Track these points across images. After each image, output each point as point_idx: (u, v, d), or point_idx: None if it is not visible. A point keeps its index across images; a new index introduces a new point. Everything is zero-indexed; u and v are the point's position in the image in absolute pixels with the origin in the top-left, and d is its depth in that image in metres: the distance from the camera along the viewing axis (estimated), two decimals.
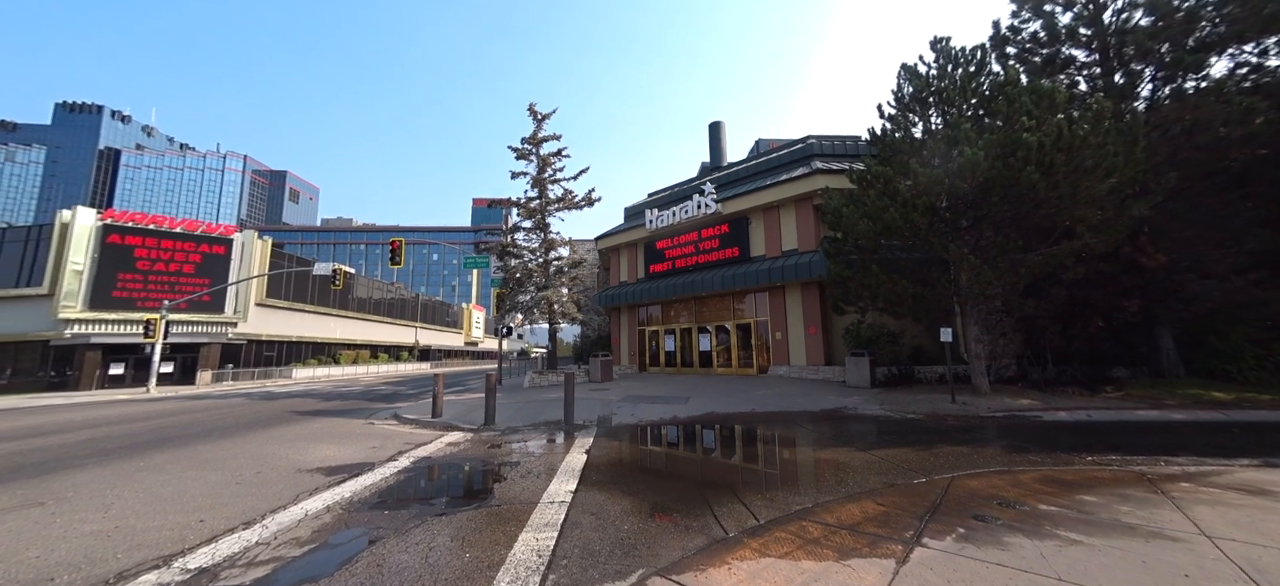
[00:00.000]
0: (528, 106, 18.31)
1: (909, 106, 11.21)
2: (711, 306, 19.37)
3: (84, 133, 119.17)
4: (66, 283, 25.55)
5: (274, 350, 33.10)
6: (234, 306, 29.85)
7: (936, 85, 10.46)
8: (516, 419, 9.79)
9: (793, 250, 16.57)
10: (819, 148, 18.22)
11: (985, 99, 9.56)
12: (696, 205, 19.18)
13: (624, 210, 25.61)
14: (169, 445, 7.35)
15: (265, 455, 6.51)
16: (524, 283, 17.29)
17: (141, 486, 4.95)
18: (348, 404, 13.84)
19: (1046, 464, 5.26)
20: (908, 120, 11.06)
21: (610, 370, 17.73)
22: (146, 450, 6.94)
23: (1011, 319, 12.17)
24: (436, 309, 60.03)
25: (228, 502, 4.37)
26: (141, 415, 12.05)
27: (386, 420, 10.06)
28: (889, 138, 11.55)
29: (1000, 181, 8.21)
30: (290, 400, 15.16)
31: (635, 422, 9.34)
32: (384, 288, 50.53)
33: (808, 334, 15.85)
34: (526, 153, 18.34)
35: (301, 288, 35.94)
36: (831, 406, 10.29)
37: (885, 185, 10.11)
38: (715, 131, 23.92)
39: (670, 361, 20.50)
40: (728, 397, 11.99)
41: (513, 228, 17.91)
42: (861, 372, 13.00)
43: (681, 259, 20.16)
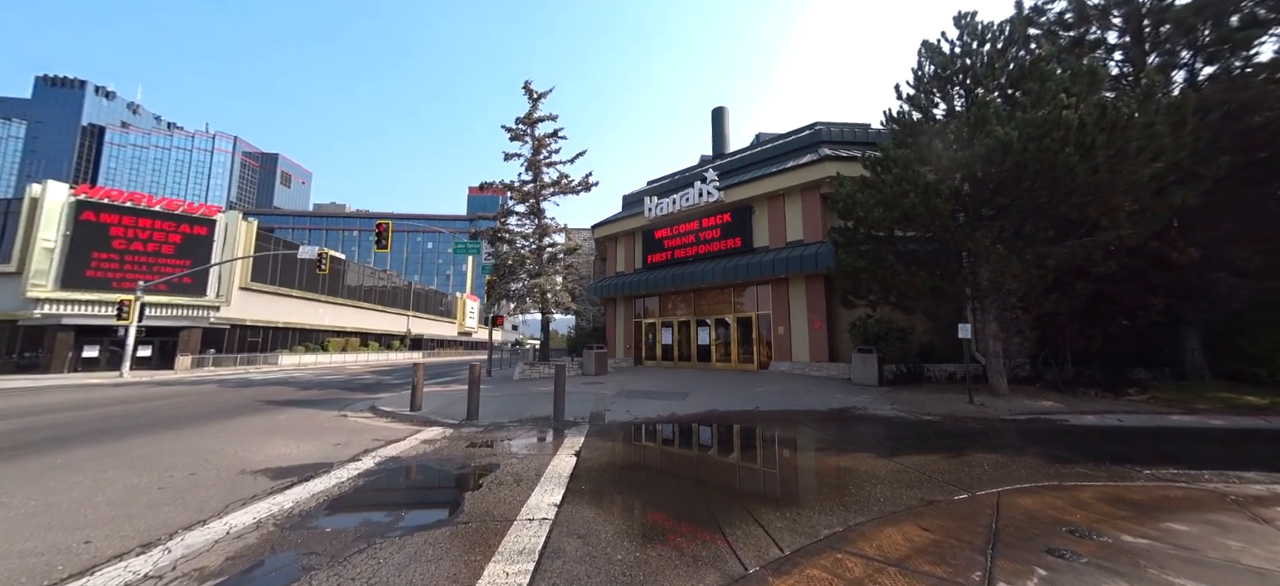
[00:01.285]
0: (523, 84, 17.42)
1: (930, 86, 10.48)
2: (711, 299, 18.68)
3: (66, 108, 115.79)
4: (36, 260, 24.37)
5: (259, 336, 32.11)
6: (217, 290, 28.78)
7: (961, 63, 9.72)
8: (502, 414, 9.06)
9: (798, 241, 15.87)
10: (827, 134, 17.46)
11: (1015, 78, 8.83)
12: (698, 193, 18.40)
13: (622, 198, 24.79)
14: (105, 438, 6.56)
15: (210, 452, 5.75)
16: (516, 270, 16.48)
17: (41, 491, 4.18)
18: (325, 393, 13.05)
19: (1100, 478, 4.61)
20: (929, 101, 10.33)
21: (605, 363, 17.02)
22: (73, 444, 6.16)
23: (1028, 316, 11.55)
24: (430, 298, 59.02)
25: (136, 515, 3.62)
26: (97, 400, 11.21)
27: (361, 412, 9.30)
28: (908, 119, 10.83)
29: (1033, 165, 7.52)
30: (266, 388, 14.34)
31: (630, 420, 8.65)
32: (376, 275, 49.42)
33: (811, 329, 15.20)
34: (521, 133, 17.45)
35: (289, 272, 34.86)
36: (839, 405, 9.66)
37: (904, 169, 9.39)
38: (718, 118, 23.08)
39: (667, 355, 19.83)
40: (728, 394, 11.33)
41: (505, 212, 17.05)
42: (869, 370, 12.38)
43: (681, 249, 19.41)
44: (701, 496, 4.33)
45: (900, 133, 11.05)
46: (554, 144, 17.33)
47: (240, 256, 28.23)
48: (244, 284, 30.54)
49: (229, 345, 29.62)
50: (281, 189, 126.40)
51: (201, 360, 27.28)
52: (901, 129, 11.09)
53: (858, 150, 15.94)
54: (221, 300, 28.63)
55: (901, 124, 11.09)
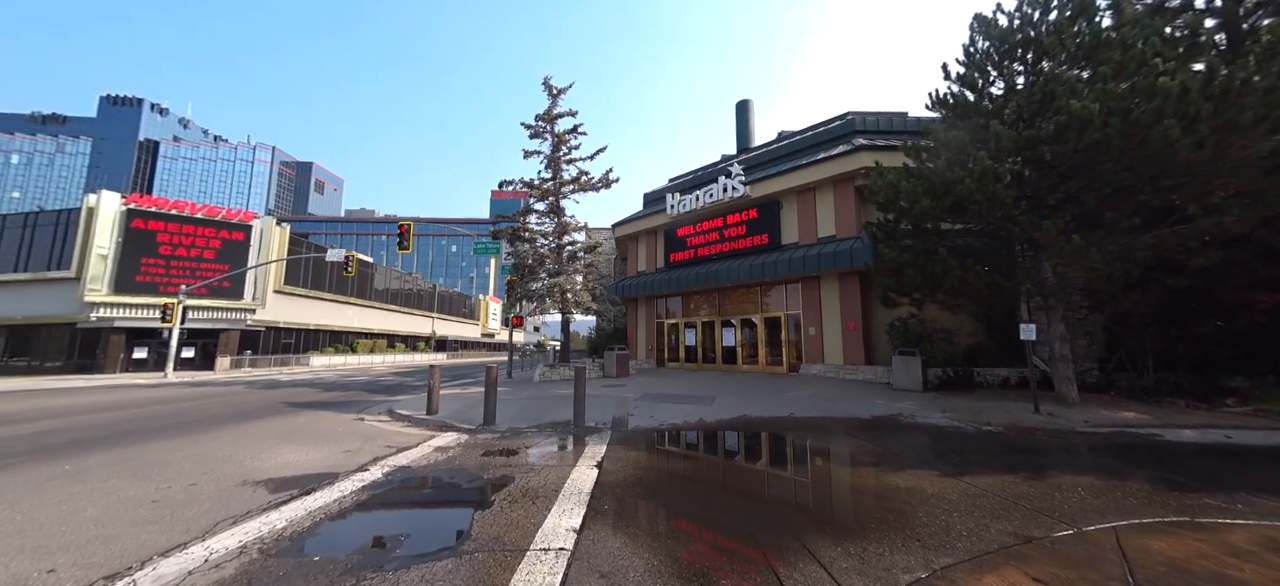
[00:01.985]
0: (543, 80, 17.12)
1: (983, 63, 9.51)
2: (736, 298, 17.91)
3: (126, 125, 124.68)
4: (92, 266, 25.79)
5: (292, 337, 33.18)
6: (253, 293, 29.87)
7: (1023, 36, 8.73)
8: (520, 418, 8.66)
9: (830, 237, 14.95)
10: (860, 123, 16.45)
11: (1089, 48, 7.81)
12: (722, 188, 17.68)
13: (643, 197, 24.27)
14: (123, 442, 6.47)
15: (218, 459, 5.52)
16: (536, 269, 16.18)
17: (32, 503, 3.96)
18: (348, 394, 13.03)
19: (1246, 515, 3.71)
20: (984, 79, 9.37)
21: (626, 365, 16.52)
22: (91, 448, 6.07)
23: (1097, 316, 10.37)
24: (453, 300, 60.08)
25: (117, 536, 3.30)
26: (134, 401, 11.46)
27: (379, 415, 9.08)
28: (960, 100, 9.88)
29: (1117, 142, 6.55)
30: (292, 389, 14.49)
31: (655, 426, 8.09)
32: (402, 278, 50.59)
33: (846, 329, 14.26)
34: (541, 130, 17.16)
35: (320, 276, 35.96)
36: (883, 412, 8.82)
37: (956, 152, 8.49)
38: (742, 111, 22.27)
39: (691, 357, 19.17)
40: (758, 398, 10.62)
41: (525, 210, 16.79)
42: (912, 374, 11.41)
43: (704, 247, 18.73)
44: (742, 521, 3.72)
45: (949, 114, 10.11)
46: (574, 140, 16.97)
47: (273, 260, 29.14)
48: (278, 287, 31.60)
49: (264, 346, 30.67)
50: (315, 196, 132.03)
51: (239, 361, 28.30)
52: (951, 110, 10.15)
53: (896, 139, 14.94)
54: (257, 303, 29.68)
55: (951, 105, 10.14)
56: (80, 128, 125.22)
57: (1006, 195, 7.45)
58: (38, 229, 28.07)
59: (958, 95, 10.18)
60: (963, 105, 9.65)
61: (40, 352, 26.07)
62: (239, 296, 29.01)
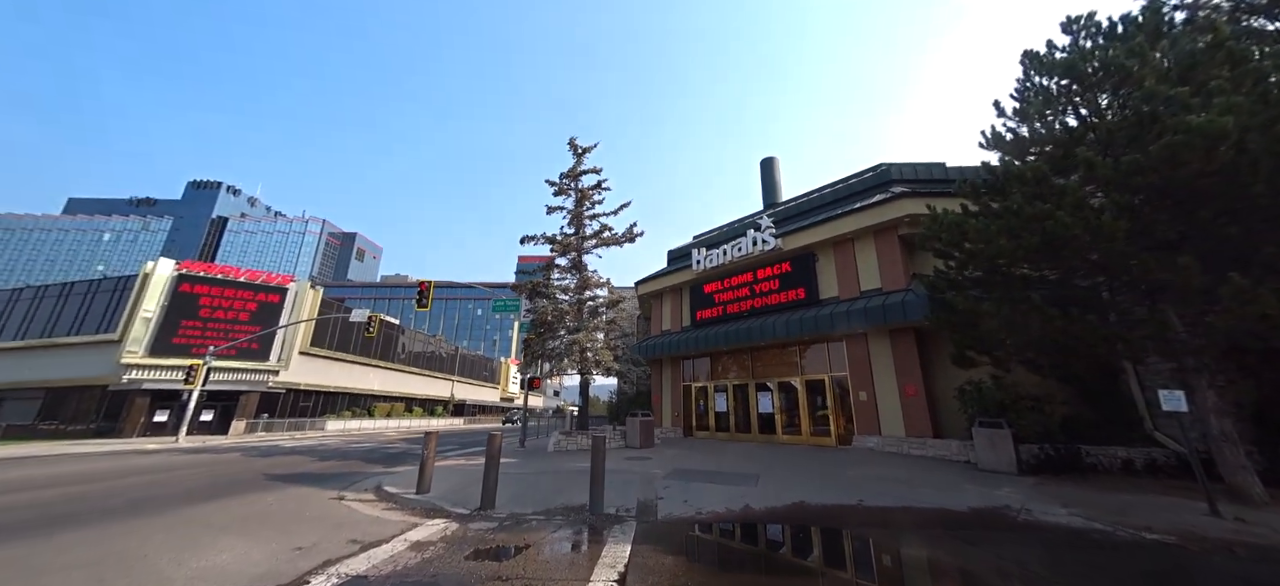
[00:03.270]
0: (568, 141, 17.30)
1: (1041, 100, 8.59)
2: (771, 358, 16.26)
3: (204, 205, 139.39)
4: (135, 329, 26.54)
5: (311, 400, 32.73)
6: (279, 354, 30.00)
7: (1096, 63, 7.82)
8: (525, 499, 7.18)
9: (874, 290, 13.52)
10: (895, 173, 15.58)
11: (1183, 68, 6.77)
12: (751, 241, 16.77)
13: (667, 253, 23.64)
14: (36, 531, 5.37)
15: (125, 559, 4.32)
16: (555, 326, 15.20)
17: None
18: (343, 465, 11.79)
19: None
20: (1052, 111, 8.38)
21: (651, 433, 14.80)
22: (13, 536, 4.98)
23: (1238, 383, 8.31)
24: (474, 363, 59.63)
25: None
26: (113, 472, 10.55)
27: (362, 493, 7.77)
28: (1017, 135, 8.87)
29: (1266, 160, 5.25)
30: (286, 458, 13.36)
31: (691, 516, 6.47)
32: (425, 340, 50.77)
33: (904, 395, 12.34)
34: (565, 187, 17.05)
35: (346, 337, 36.24)
36: (981, 504, 6.90)
37: (1036, 185, 7.29)
38: (768, 169, 21.97)
39: (722, 425, 17.20)
40: (811, 479, 8.78)
41: (547, 265, 16.19)
42: (1002, 452, 9.36)
43: (734, 304, 17.49)
44: None
45: (1012, 152, 9.06)
46: (598, 195, 16.71)
47: (298, 321, 29.46)
48: (304, 348, 31.76)
49: (283, 409, 30.20)
50: (355, 263, 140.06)
51: (254, 425, 27.73)
52: (1011, 147, 9.12)
53: (937, 186, 13.92)
54: (281, 364, 29.68)
55: (1010, 142, 9.13)
56: (166, 208, 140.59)
57: (1117, 228, 6.08)
58: (97, 295, 29.58)
59: (1015, 130, 9.20)
60: (1030, 138, 8.60)
61: (69, 415, 26.29)
62: (265, 358, 29.13)
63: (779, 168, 21.90)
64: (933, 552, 4.93)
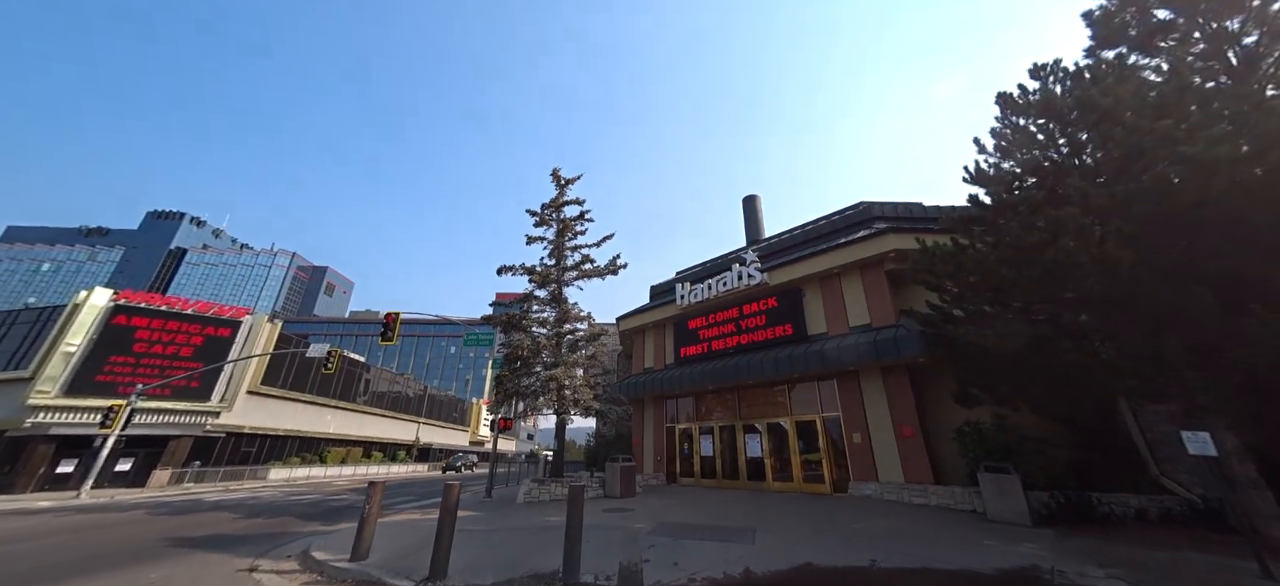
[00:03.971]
0: (551, 172, 16.90)
1: (1023, 136, 8.69)
2: (759, 398, 15.50)
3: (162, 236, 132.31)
4: (51, 366, 23.61)
5: (255, 445, 29.54)
6: (222, 393, 27.24)
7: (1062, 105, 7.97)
8: (485, 566, 5.98)
9: (864, 325, 13.16)
10: (877, 210, 15.73)
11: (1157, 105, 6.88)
12: (737, 276, 16.41)
13: (649, 289, 23.09)
14: None
15: None
16: (530, 361, 14.08)
17: None
18: (272, 523, 10.06)
19: None
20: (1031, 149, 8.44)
21: (633, 480, 13.54)
22: None
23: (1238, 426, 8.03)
24: (443, 404, 56.30)
25: None
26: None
27: (283, 562, 6.37)
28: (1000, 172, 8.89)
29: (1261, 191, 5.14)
30: (205, 516, 11.41)
31: (683, 583, 5.44)
32: (392, 379, 47.79)
33: (900, 436, 11.70)
34: (546, 218, 16.45)
35: (303, 376, 33.52)
36: (1007, 564, 6.14)
37: (1029, 214, 7.10)
38: (750, 206, 22.12)
39: (708, 471, 16.06)
40: (812, 533, 7.85)
41: (525, 297, 15.25)
42: (1012, 500, 8.69)
43: (719, 340, 16.85)
44: None
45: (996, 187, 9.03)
46: (580, 225, 16.15)
47: (247, 356, 27.03)
48: (253, 387, 29.01)
49: (221, 456, 27.04)
50: (324, 298, 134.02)
51: (182, 474, 24.54)
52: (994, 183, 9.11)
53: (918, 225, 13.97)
54: (224, 405, 26.86)
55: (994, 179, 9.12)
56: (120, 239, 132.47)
57: (1121, 256, 5.81)
58: (14, 327, 26.48)
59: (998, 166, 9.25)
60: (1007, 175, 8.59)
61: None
62: (205, 398, 26.34)
63: (761, 205, 22.09)
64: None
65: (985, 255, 7.40)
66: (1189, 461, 9.32)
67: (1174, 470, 9.41)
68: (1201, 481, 8.92)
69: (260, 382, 29.21)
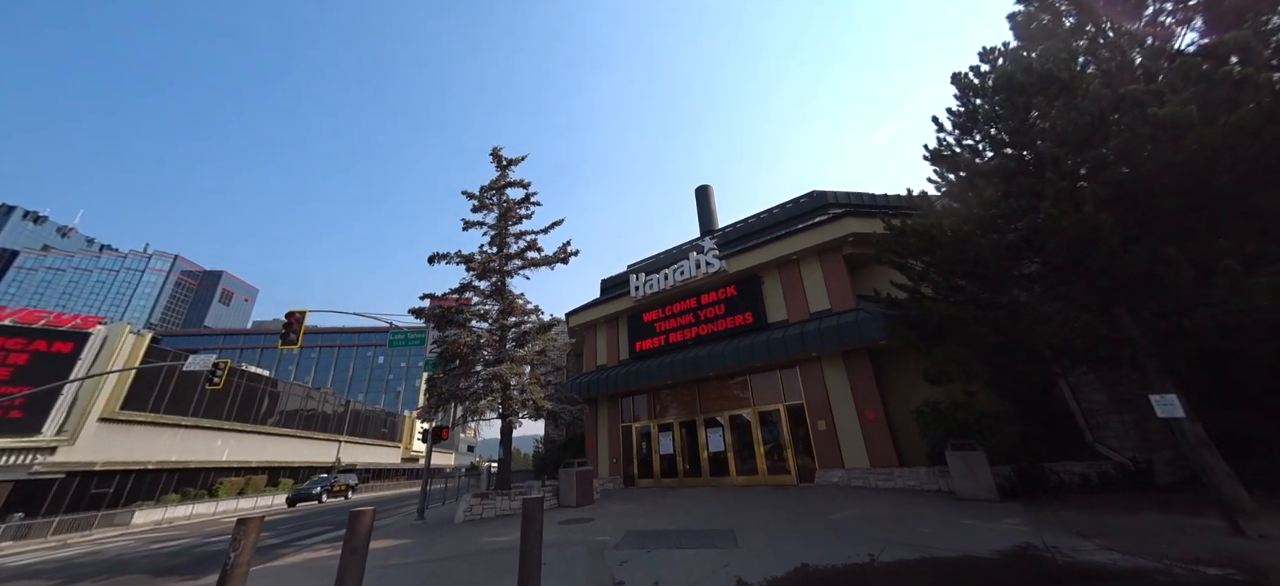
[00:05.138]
0: (491, 151, 15.12)
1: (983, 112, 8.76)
2: (719, 390, 14.92)
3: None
4: None
5: (112, 484, 23.92)
6: (60, 423, 21.72)
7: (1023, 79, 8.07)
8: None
9: (824, 311, 13.02)
10: (831, 198, 15.87)
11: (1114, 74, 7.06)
12: (694, 265, 15.76)
13: (600, 283, 21.86)
14: None
15: None
16: (469, 360, 12.25)
17: None
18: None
19: None
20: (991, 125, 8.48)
21: (590, 486, 12.26)
22: None
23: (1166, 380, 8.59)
24: (370, 419, 50.55)
25: None
26: None
27: None
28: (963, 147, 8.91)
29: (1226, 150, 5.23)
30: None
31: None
32: (304, 394, 41.92)
33: (864, 420, 11.59)
34: (487, 202, 14.63)
35: (183, 396, 27.96)
36: (1003, 546, 5.81)
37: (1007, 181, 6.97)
38: (703, 197, 21.74)
39: (668, 469, 15.19)
40: (795, 531, 7.17)
41: (461, 287, 13.32)
42: (980, 476, 8.67)
43: (677, 332, 16.09)
44: None
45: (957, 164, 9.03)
46: (525, 209, 14.55)
47: (95, 374, 21.85)
48: (109, 413, 23.50)
49: (58, 501, 21.45)
50: (219, 307, 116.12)
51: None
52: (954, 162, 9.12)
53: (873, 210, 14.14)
54: (63, 438, 21.39)
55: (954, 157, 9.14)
56: None
57: (1102, 219, 5.72)
58: None
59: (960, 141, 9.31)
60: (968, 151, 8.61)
61: None
62: (33, 431, 20.79)
63: (714, 196, 21.80)
64: None
65: (957, 227, 7.20)
66: (1117, 428, 10.05)
67: (1105, 437, 10.03)
68: (1132, 445, 9.58)
69: (119, 407, 23.75)
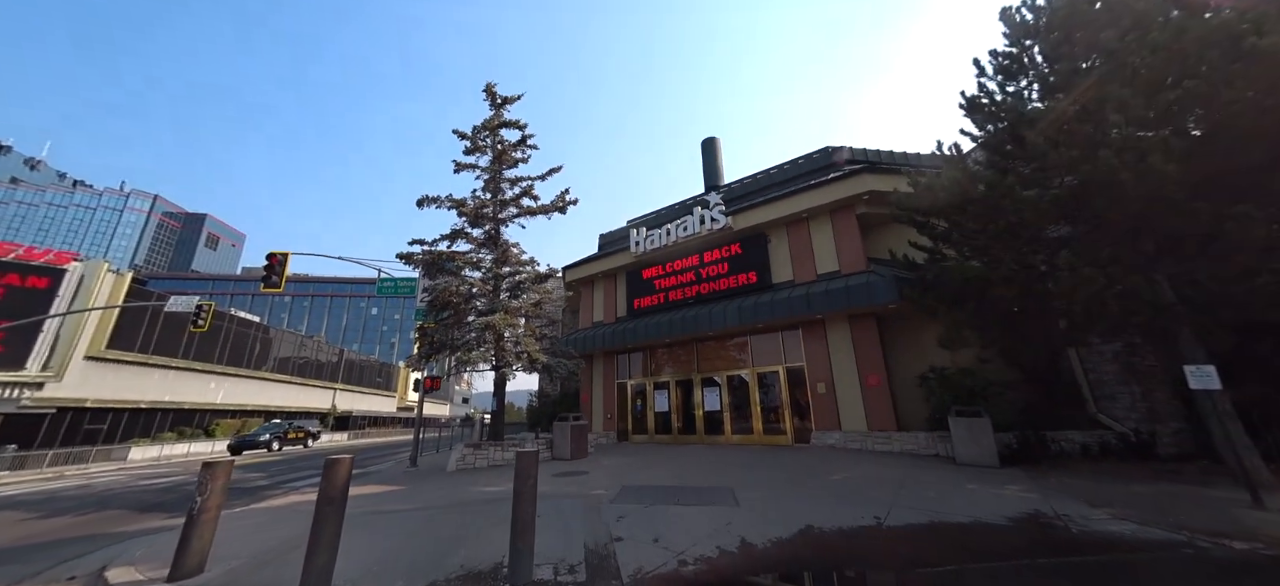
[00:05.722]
0: (485, 87, 13.96)
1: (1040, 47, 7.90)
2: (718, 350, 14.67)
3: None
4: None
5: (106, 421, 23.92)
6: (45, 359, 21.33)
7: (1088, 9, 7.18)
8: (394, 566, 4.21)
9: (832, 272, 12.55)
10: (845, 154, 15.05)
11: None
12: (698, 220, 15.08)
13: (598, 238, 21.18)
14: None
15: None
16: (461, 309, 11.78)
17: None
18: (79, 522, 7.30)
19: None
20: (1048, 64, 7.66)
21: (584, 440, 12.17)
22: None
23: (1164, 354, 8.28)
24: (365, 369, 50.80)
25: None
26: None
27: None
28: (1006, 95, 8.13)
29: None
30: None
31: (673, 569, 4.14)
32: (298, 342, 41.78)
33: (866, 385, 11.39)
34: (480, 143, 13.66)
35: (171, 339, 27.54)
36: (1015, 512, 5.62)
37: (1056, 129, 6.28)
38: (710, 149, 20.68)
39: (663, 426, 15.18)
40: (795, 490, 7.00)
41: (453, 234, 12.64)
42: (983, 442, 8.52)
43: (677, 290, 15.63)
44: None
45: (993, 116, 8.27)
46: (520, 153, 13.62)
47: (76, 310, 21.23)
48: (95, 352, 23.12)
49: (50, 436, 21.44)
50: (205, 251, 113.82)
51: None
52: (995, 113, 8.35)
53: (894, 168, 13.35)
54: (49, 374, 21.07)
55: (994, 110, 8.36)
56: None
57: (1167, 171, 5.14)
58: None
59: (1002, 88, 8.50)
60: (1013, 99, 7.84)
61: None
62: (17, 365, 20.40)
63: (721, 149, 20.75)
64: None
65: (996, 180, 6.58)
66: (1125, 400, 9.91)
67: (1111, 408, 9.90)
68: (1137, 417, 9.45)
69: (105, 347, 23.34)
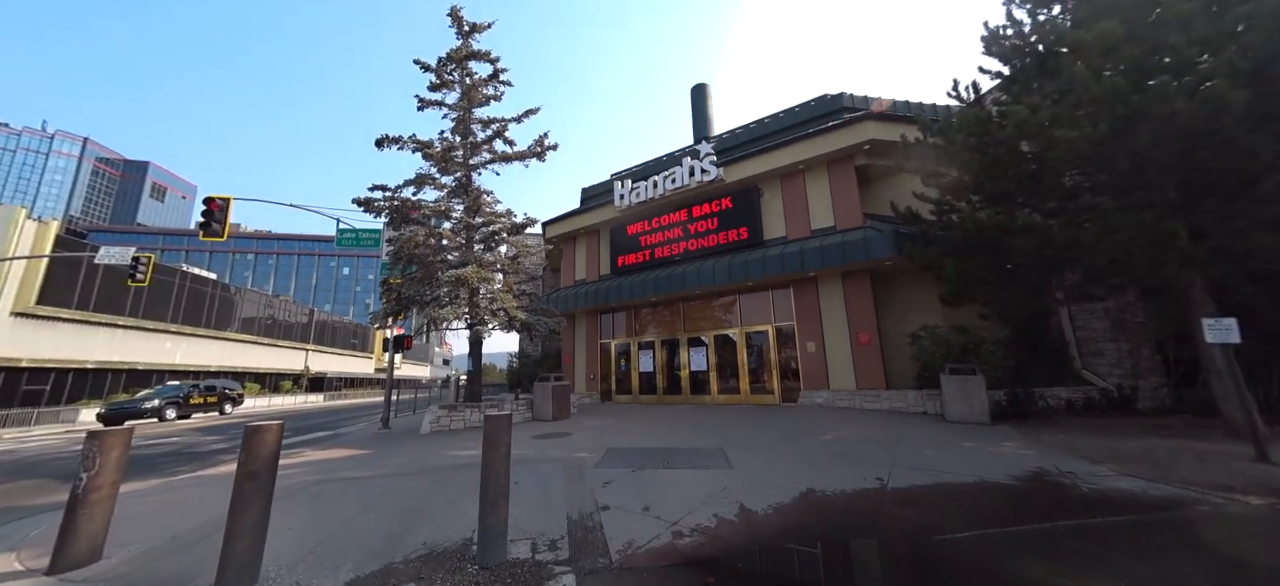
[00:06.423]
0: (449, 11, 12.28)
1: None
2: (706, 309, 14.21)
3: None
4: None
5: (47, 381, 22.21)
6: None
7: None
8: (344, 545, 3.57)
9: (827, 228, 12.00)
10: (849, 102, 14.17)
11: None
12: (687, 172, 14.16)
13: (581, 192, 20.02)
14: None
15: None
16: (430, 262, 10.78)
17: None
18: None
19: None
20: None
21: (567, 400, 11.69)
22: None
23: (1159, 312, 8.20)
24: (338, 330, 49.06)
25: None
26: None
27: None
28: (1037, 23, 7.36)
29: None
30: None
31: (667, 541, 3.65)
32: (264, 301, 39.62)
33: (857, 343, 11.14)
34: (446, 78, 12.16)
35: (115, 295, 25.44)
36: (1017, 471, 5.39)
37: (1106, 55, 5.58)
38: (699, 97, 19.40)
39: (647, 387, 14.87)
40: (788, 451, 6.67)
41: (418, 179, 11.41)
42: (974, 399, 8.37)
43: (664, 247, 14.90)
44: None
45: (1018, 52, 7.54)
46: (492, 89, 12.23)
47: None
48: (23, 308, 21.09)
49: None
50: (152, 203, 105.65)
51: None
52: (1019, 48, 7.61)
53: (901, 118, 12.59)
54: None
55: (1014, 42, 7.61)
56: None
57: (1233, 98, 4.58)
58: None
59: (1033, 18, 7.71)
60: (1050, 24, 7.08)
61: None
62: None
63: (711, 96, 19.51)
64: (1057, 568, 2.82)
65: (1025, 117, 5.94)
66: (1111, 355, 9.94)
67: (1095, 364, 9.95)
68: (1121, 373, 9.51)
69: (35, 302, 21.28)
